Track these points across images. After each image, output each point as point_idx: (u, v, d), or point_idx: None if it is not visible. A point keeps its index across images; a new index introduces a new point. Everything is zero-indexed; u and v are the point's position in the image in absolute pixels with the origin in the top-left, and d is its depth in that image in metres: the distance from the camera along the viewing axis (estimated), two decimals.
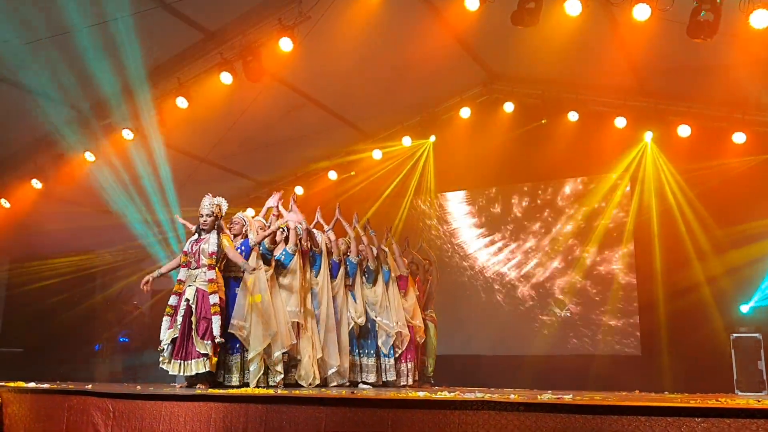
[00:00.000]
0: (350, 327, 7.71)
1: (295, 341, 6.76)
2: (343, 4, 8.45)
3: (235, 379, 6.25)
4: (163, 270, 6.47)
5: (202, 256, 6.13)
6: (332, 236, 7.85)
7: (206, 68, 9.40)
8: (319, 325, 7.23)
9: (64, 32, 8.24)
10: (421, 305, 9.05)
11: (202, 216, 6.21)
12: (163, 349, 6.01)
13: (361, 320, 7.82)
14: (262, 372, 6.38)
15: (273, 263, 6.87)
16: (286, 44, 8.67)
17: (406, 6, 8.92)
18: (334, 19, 8.61)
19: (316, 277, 7.42)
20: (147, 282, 6.32)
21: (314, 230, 7.68)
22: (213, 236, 6.16)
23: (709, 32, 7.22)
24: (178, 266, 6.31)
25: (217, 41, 9.19)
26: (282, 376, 6.60)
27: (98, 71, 9.42)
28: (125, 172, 10.70)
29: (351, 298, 7.83)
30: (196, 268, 6.13)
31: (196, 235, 6.25)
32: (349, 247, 8.02)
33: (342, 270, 7.78)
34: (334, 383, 7.29)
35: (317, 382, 6.96)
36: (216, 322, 5.93)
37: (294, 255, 7.03)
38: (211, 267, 6.08)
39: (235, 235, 6.73)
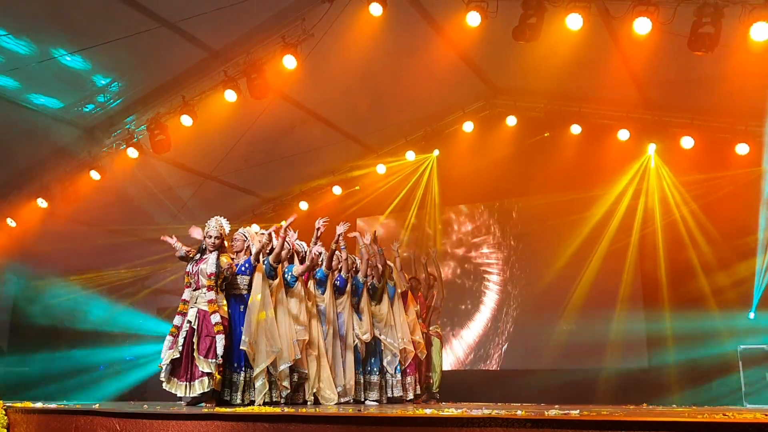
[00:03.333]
0: (355, 344, 7.70)
1: (300, 356, 6.74)
2: (346, 21, 8.53)
3: (240, 398, 6.24)
4: (178, 246, 6.32)
5: (201, 277, 6.14)
6: (343, 255, 7.82)
7: (211, 86, 9.49)
8: (325, 342, 7.22)
9: (71, 52, 8.33)
10: (424, 321, 9.04)
11: (210, 237, 6.21)
12: (162, 369, 6.01)
13: (367, 337, 7.80)
14: (267, 389, 6.35)
15: (280, 275, 6.85)
16: (289, 62, 8.75)
17: (408, 22, 8.99)
18: (336, 36, 8.69)
19: (322, 295, 7.41)
20: (168, 238, 6.33)
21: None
22: (212, 257, 6.16)
23: (710, 45, 7.26)
24: (185, 253, 6.28)
25: (222, 59, 9.28)
26: (288, 391, 6.58)
27: (103, 91, 9.53)
28: (130, 189, 10.77)
29: (356, 316, 7.83)
30: (196, 289, 6.15)
31: (198, 255, 6.26)
32: (355, 263, 8.02)
33: (349, 287, 7.79)
34: (341, 401, 7.26)
35: (334, 400, 6.95)
36: (220, 341, 5.94)
37: (297, 279, 7.03)
38: (210, 288, 6.08)
39: (237, 252, 6.70)
